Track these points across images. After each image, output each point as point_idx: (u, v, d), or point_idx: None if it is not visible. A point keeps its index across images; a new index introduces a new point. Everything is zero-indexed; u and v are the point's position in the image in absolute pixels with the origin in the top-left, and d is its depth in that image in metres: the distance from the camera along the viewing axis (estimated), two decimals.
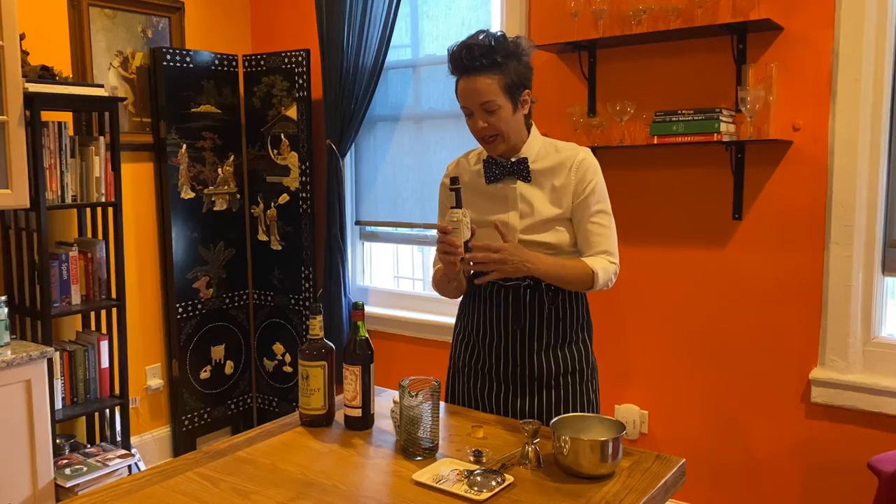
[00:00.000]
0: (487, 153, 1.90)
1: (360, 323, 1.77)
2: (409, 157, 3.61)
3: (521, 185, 1.87)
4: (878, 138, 2.50)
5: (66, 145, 2.99)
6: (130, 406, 3.39)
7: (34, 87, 2.83)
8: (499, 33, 1.81)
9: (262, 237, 3.90)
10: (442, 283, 2.00)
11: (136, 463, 3.10)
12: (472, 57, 1.77)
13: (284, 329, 3.87)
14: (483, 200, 1.91)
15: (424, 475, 1.51)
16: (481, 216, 1.90)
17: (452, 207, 1.76)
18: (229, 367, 3.89)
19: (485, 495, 1.42)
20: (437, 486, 1.46)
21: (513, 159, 1.87)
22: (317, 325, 1.79)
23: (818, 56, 2.54)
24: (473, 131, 1.86)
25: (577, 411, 1.89)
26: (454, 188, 1.76)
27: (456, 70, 1.82)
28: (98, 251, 3.16)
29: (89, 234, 3.26)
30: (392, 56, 3.47)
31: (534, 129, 1.92)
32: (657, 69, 2.83)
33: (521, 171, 1.86)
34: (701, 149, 2.74)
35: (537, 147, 1.89)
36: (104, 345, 3.19)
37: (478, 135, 1.85)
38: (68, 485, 2.84)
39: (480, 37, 1.80)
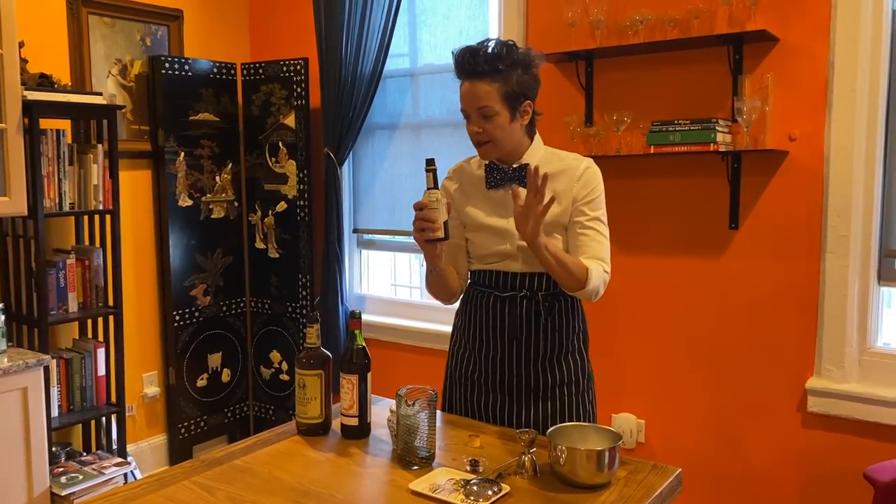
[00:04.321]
0: (479, 157, 1.92)
1: (357, 332, 1.78)
2: (406, 166, 3.62)
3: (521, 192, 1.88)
4: (874, 148, 2.51)
5: (64, 153, 2.99)
6: (127, 414, 3.37)
7: (33, 95, 2.84)
8: (510, 42, 1.83)
9: (260, 245, 3.90)
10: (429, 280, 1.98)
11: (132, 471, 3.09)
12: (475, 62, 1.79)
13: (282, 337, 3.87)
14: (483, 205, 1.92)
15: (421, 484, 1.51)
16: (481, 220, 1.91)
17: (430, 189, 1.75)
18: (226, 375, 3.88)
19: None
20: (434, 495, 1.46)
21: (514, 165, 1.88)
22: (314, 334, 1.80)
23: (814, 66, 2.55)
24: (469, 134, 1.88)
25: (573, 422, 1.88)
26: (430, 169, 1.76)
27: (459, 73, 1.84)
28: (95, 258, 3.16)
29: (87, 242, 3.26)
30: (390, 65, 3.48)
31: (537, 137, 1.93)
32: (654, 79, 2.84)
33: (523, 177, 1.87)
34: (697, 158, 2.75)
35: (539, 154, 1.90)
36: (101, 352, 3.18)
37: (471, 139, 1.88)
38: (64, 493, 2.83)
39: (489, 43, 1.82)
